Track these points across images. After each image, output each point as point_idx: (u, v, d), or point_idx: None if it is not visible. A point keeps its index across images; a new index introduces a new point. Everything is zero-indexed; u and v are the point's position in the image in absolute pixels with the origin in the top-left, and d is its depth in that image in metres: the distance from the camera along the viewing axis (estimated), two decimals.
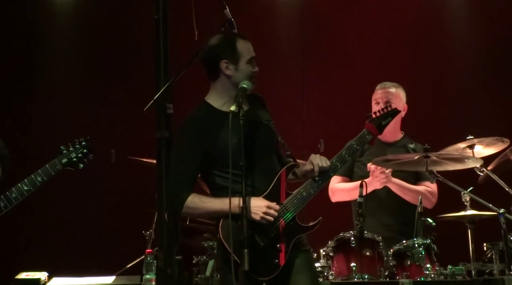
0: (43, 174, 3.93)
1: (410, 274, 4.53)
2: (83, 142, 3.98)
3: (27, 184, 3.83)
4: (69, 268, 5.02)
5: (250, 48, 3.84)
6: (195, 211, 3.78)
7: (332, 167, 3.85)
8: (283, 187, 3.77)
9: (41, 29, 6.37)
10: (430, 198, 5.14)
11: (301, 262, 3.77)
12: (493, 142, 5.08)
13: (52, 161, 3.89)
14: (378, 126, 4.08)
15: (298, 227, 3.75)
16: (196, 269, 4.82)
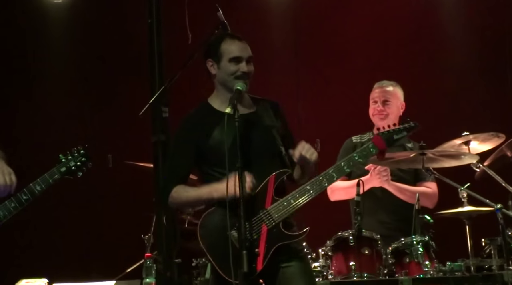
0: (42, 183, 3.92)
1: (409, 272, 4.53)
2: (82, 150, 3.94)
3: (26, 193, 3.81)
4: (69, 274, 5.01)
5: (235, 48, 3.84)
6: (177, 200, 3.77)
7: (327, 177, 3.74)
8: (270, 193, 3.71)
9: (35, 35, 6.36)
10: (431, 199, 5.14)
11: (295, 271, 3.72)
12: (489, 137, 5.09)
13: (51, 170, 3.87)
14: (387, 139, 3.86)
15: (282, 234, 3.67)
16: (196, 272, 4.82)
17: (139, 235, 5.32)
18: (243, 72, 3.82)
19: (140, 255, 5.11)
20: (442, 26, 6.47)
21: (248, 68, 3.84)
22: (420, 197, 4.86)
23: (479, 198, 4.81)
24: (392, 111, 5.33)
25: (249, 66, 3.86)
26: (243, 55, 3.85)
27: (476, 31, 6.36)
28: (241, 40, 3.89)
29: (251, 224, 3.60)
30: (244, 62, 3.86)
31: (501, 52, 6.22)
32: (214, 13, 3.90)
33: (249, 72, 3.85)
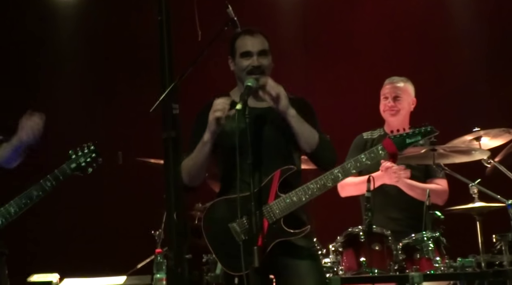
0: (52, 179, 3.94)
1: (419, 268, 4.53)
2: (92, 146, 3.96)
3: (37, 189, 3.83)
4: (80, 269, 5.05)
5: (245, 43, 3.88)
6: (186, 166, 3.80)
7: (332, 177, 3.72)
8: (274, 188, 3.73)
9: (45, 32, 6.39)
10: (441, 196, 5.14)
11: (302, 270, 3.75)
12: (500, 133, 5.08)
13: (61, 167, 3.89)
14: (399, 143, 3.78)
15: (282, 230, 3.69)
16: (206, 268, 4.84)
17: (150, 231, 5.35)
18: (253, 67, 3.84)
19: (151, 251, 5.14)
20: (452, 21, 6.46)
21: (259, 62, 3.85)
22: (431, 194, 4.85)
23: (490, 194, 4.82)
24: (403, 107, 5.33)
25: (262, 59, 3.86)
26: (252, 50, 3.87)
27: (487, 26, 6.34)
28: (254, 34, 3.90)
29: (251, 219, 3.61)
30: (255, 56, 3.87)
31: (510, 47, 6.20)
32: (223, 10, 3.91)
33: (260, 66, 3.86)
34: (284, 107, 3.76)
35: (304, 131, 3.78)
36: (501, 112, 6.04)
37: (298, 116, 3.78)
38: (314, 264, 3.84)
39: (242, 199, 3.60)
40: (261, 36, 3.92)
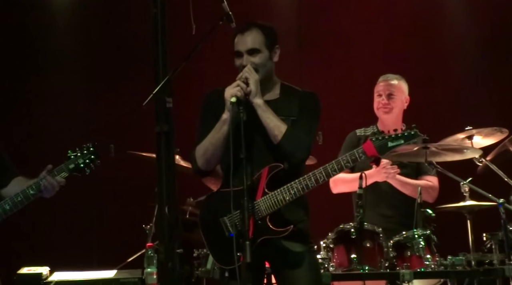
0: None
1: (410, 265, 4.54)
2: (91, 147, 3.91)
3: (33, 188, 3.79)
4: (71, 262, 5.04)
5: (236, 42, 3.90)
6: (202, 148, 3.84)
7: (314, 178, 3.67)
8: (262, 185, 3.72)
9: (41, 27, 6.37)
10: (431, 193, 5.16)
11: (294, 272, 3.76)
12: (492, 132, 5.09)
13: (59, 167, 3.83)
14: (380, 147, 3.71)
15: (267, 228, 3.69)
16: (197, 262, 4.84)
17: (141, 224, 5.34)
18: (244, 66, 3.84)
19: (142, 245, 5.13)
20: (447, 21, 6.47)
21: (247, 61, 3.85)
22: (421, 191, 4.86)
23: (481, 192, 4.82)
24: (397, 105, 5.34)
25: (252, 58, 3.85)
26: (240, 49, 3.87)
27: (480, 27, 6.36)
28: (245, 32, 3.89)
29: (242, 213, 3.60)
30: (245, 55, 3.87)
31: (504, 49, 6.22)
32: (218, 4, 3.90)
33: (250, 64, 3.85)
34: (252, 94, 3.75)
35: (268, 122, 3.75)
36: (494, 111, 6.06)
37: (265, 106, 3.75)
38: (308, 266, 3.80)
39: (235, 193, 3.60)
40: (253, 32, 3.89)
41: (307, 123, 3.85)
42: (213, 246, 3.82)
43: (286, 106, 3.86)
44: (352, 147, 5.23)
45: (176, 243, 3.83)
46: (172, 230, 3.78)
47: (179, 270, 3.84)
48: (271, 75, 3.95)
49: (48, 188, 3.79)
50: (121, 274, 4.82)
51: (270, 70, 3.93)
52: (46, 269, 4.78)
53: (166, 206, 3.76)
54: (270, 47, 3.90)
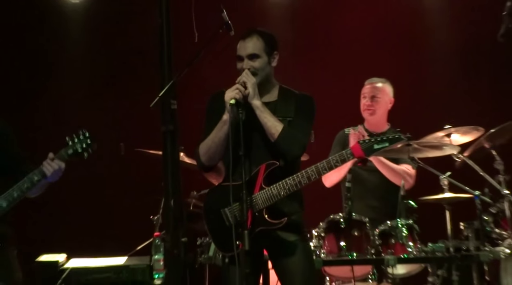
0: None
1: (394, 252, 4.54)
2: (86, 133, 3.90)
3: (36, 174, 3.78)
4: (85, 250, 5.01)
5: (239, 47, 3.90)
6: (204, 147, 3.84)
7: (307, 175, 3.68)
8: (259, 181, 3.72)
9: (54, 32, 6.34)
10: (408, 179, 5.11)
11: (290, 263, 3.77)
12: (469, 130, 5.10)
13: (59, 152, 3.83)
14: (366, 148, 3.69)
15: (263, 220, 3.69)
16: (200, 250, 4.82)
17: (149, 216, 5.33)
18: (243, 70, 3.83)
19: (150, 234, 5.12)
20: (427, 28, 6.45)
21: (246, 65, 3.84)
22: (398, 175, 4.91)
23: (459, 185, 4.83)
24: (380, 107, 5.33)
25: (251, 62, 3.84)
26: (241, 54, 3.87)
27: (458, 34, 6.34)
28: (246, 38, 3.88)
29: (242, 205, 3.60)
30: (246, 59, 3.85)
31: (480, 54, 6.21)
32: (218, 14, 3.89)
33: (249, 68, 3.83)
34: (250, 96, 3.75)
35: (266, 122, 3.74)
36: (471, 111, 6.05)
37: (263, 107, 3.75)
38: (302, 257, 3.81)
39: (234, 187, 3.59)
40: (253, 39, 3.88)
41: (302, 123, 3.84)
42: (215, 235, 3.82)
43: (283, 108, 3.85)
44: (341, 144, 5.24)
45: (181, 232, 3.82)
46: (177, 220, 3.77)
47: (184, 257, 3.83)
48: (270, 79, 3.94)
49: (51, 172, 3.76)
50: (131, 261, 4.81)
51: (268, 74, 3.92)
52: (63, 257, 4.77)
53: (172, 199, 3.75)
54: (269, 52, 3.89)
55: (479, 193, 4.74)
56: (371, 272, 4.85)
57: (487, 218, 4.77)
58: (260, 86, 3.84)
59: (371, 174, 5.15)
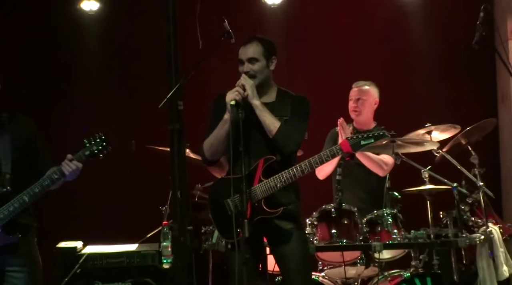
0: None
1: (380, 238, 4.55)
2: (103, 136, 3.88)
3: (56, 172, 3.76)
4: (100, 238, 5.02)
5: (240, 52, 3.90)
6: (208, 143, 3.85)
7: (300, 169, 3.68)
8: (258, 174, 3.73)
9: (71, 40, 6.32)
10: (383, 167, 5.09)
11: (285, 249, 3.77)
12: (447, 128, 5.10)
13: (77, 154, 3.82)
14: (354, 144, 3.70)
15: (262, 210, 3.69)
16: (204, 237, 4.83)
17: (157, 206, 5.33)
18: (244, 72, 3.83)
19: (159, 223, 5.12)
20: (410, 33, 6.44)
21: (247, 68, 3.84)
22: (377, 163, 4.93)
23: (439, 178, 4.83)
24: (365, 107, 5.32)
25: (250, 65, 3.85)
26: (242, 58, 3.87)
27: (438, 40, 6.34)
28: (247, 44, 3.89)
29: (242, 197, 3.61)
30: (246, 63, 3.86)
31: (457, 59, 6.21)
32: (220, 23, 3.89)
33: (249, 71, 3.84)
34: (249, 97, 3.76)
35: (264, 120, 3.75)
36: (449, 111, 6.05)
37: (262, 106, 3.75)
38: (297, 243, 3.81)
39: (235, 180, 3.60)
40: (253, 44, 3.88)
41: (297, 121, 3.85)
42: (219, 223, 3.82)
43: (281, 108, 3.86)
44: (332, 140, 5.24)
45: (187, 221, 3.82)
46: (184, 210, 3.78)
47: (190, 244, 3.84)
48: (268, 81, 3.94)
49: (69, 172, 3.75)
50: (142, 247, 4.81)
51: (267, 77, 3.92)
52: (80, 243, 4.77)
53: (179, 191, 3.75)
54: (268, 57, 3.89)
55: (457, 185, 4.74)
56: (360, 257, 4.84)
57: (464, 207, 4.78)
58: (259, 88, 3.85)
59: (359, 168, 5.15)
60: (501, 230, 4.71)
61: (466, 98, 6.20)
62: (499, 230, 4.69)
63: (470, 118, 5.24)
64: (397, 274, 4.79)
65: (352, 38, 6.35)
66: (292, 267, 3.77)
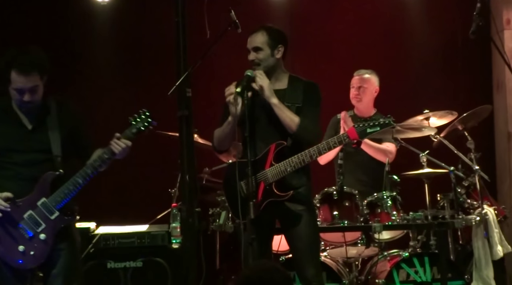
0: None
1: (380, 220, 4.55)
2: (146, 112, 3.72)
3: (107, 153, 3.65)
4: (112, 219, 5.03)
5: (249, 41, 3.90)
6: (216, 136, 3.91)
7: (309, 155, 3.67)
8: (270, 158, 3.72)
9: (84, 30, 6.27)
10: (388, 155, 5.06)
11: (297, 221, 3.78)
12: (445, 114, 5.08)
13: (124, 132, 3.69)
14: (360, 132, 3.67)
15: (272, 192, 3.70)
16: (212, 219, 4.83)
17: (167, 188, 5.33)
18: (250, 60, 3.82)
19: (168, 205, 5.12)
20: (409, 25, 6.38)
21: (252, 57, 3.84)
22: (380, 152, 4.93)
23: (436, 162, 4.82)
24: (366, 95, 5.30)
25: (255, 54, 3.85)
26: (248, 47, 3.86)
27: (436, 31, 6.29)
28: (252, 34, 3.89)
29: (255, 180, 3.62)
30: (251, 52, 3.85)
31: (454, 46, 6.16)
32: (227, 14, 3.87)
33: (253, 60, 3.84)
34: (267, 96, 3.73)
35: (284, 118, 3.73)
36: (446, 98, 6.01)
37: (280, 104, 3.73)
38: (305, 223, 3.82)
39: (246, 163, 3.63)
40: (259, 34, 3.88)
41: (313, 113, 3.83)
42: (232, 203, 3.82)
43: (292, 95, 3.83)
44: (334, 127, 5.23)
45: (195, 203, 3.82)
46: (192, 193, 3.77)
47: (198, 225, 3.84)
48: (275, 68, 3.90)
49: (119, 151, 3.66)
50: (152, 228, 4.82)
51: (274, 65, 3.89)
52: (93, 224, 4.78)
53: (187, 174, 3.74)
54: (273, 46, 3.87)
55: (453, 168, 4.73)
56: (360, 237, 4.85)
57: (460, 190, 4.77)
58: (270, 74, 3.82)
59: (360, 153, 5.13)
60: (495, 212, 4.71)
61: (463, 85, 6.16)
62: (493, 212, 4.69)
63: (466, 104, 5.21)
64: (396, 254, 4.79)
65: (354, 30, 6.30)
66: (301, 247, 3.78)
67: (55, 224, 3.53)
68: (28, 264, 3.49)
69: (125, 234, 4.68)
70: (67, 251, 3.57)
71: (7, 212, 3.47)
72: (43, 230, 3.51)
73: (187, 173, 3.72)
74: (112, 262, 4.54)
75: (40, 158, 3.57)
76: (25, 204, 3.52)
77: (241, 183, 3.73)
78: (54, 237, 3.53)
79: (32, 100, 3.54)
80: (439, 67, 6.31)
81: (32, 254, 3.48)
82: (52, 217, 3.53)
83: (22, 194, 3.53)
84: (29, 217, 3.51)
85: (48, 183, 3.55)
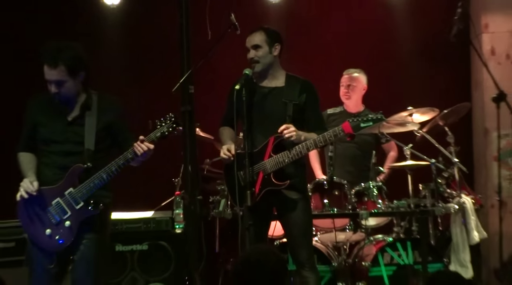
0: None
1: (367, 207, 4.57)
2: (173, 118, 3.57)
3: (131, 153, 3.58)
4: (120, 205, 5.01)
5: (248, 40, 3.88)
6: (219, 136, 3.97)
7: (305, 147, 3.68)
8: (269, 150, 3.73)
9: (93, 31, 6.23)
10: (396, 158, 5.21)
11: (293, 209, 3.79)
12: (427, 111, 5.08)
13: (149, 135, 3.60)
14: (354, 126, 3.65)
15: (270, 181, 3.70)
16: (212, 206, 4.84)
17: (171, 178, 5.33)
18: (249, 59, 3.82)
19: (172, 193, 5.13)
20: (394, 26, 6.35)
21: (251, 54, 3.84)
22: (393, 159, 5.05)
23: (419, 155, 4.83)
24: (354, 93, 5.31)
25: (255, 52, 3.84)
26: (247, 45, 3.85)
27: (420, 32, 6.27)
28: (251, 33, 3.88)
29: (253, 169, 3.62)
30: (251, 50, 3.85)
31: (437, 46, 6.15)
32: (227, 17, 3.86)
33: (252, 58, 3.83)
34: (297, 141, 3.70)
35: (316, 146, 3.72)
36: (428, 95, 6.00)
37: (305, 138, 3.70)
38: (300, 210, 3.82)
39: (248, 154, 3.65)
40: (257, 33, 3.88)
41: (318, 111, 3.90)
42: (232, 191, 3.82)
43: (289, 92, 3.83)
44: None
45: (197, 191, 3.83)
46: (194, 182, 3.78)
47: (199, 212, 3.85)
48: (273, 66, 3.90)
49: (141, 153, 3.59)
50: (157, 214, 4.83)
51: (271, 62, 3.88)
52: None
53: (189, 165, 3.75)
54: (271, 44, 3.87)
55: (435, 161, 4.74)
56: (348, 223, 4.87)
57: (440, 181, 4.79)
58: (268, 73, 3.83)
59: (349, 146, 5.14)
60: (473, 201, 4.73)
61: (444, 84, 6.16)
62: (471, 201, 4.71)
63: (447, 102, 5.21)
64: (381, 239, 4.81)
65: (344, 33, 6.29)
66: (296, 233, 3.79)
67: (79, 214, 3.49)
68: (53, 247, 3.48)
69: (132, 219, 4.69)
70: (92, 242, 3.51)
71: (38, 197, 3.45)
72: (68, 218, 3.48)
73: (189, 164, 3.73)
74: (120, 245, 4.55)
75: (74, 149, 3.51)
76: (54, 192, 3.49)
77: (240, 172, 3.74)
78: (79, 225, 3.48)
79: (58, 92, 3.46)
80: (422, 67, 6.30)
81: (57, 238, 3.46)
82: (77, 207, 3.49)
83: (55, 181, 3.50)
84: (56, 204, 3.49)
85: (76, 175, 3.50)
